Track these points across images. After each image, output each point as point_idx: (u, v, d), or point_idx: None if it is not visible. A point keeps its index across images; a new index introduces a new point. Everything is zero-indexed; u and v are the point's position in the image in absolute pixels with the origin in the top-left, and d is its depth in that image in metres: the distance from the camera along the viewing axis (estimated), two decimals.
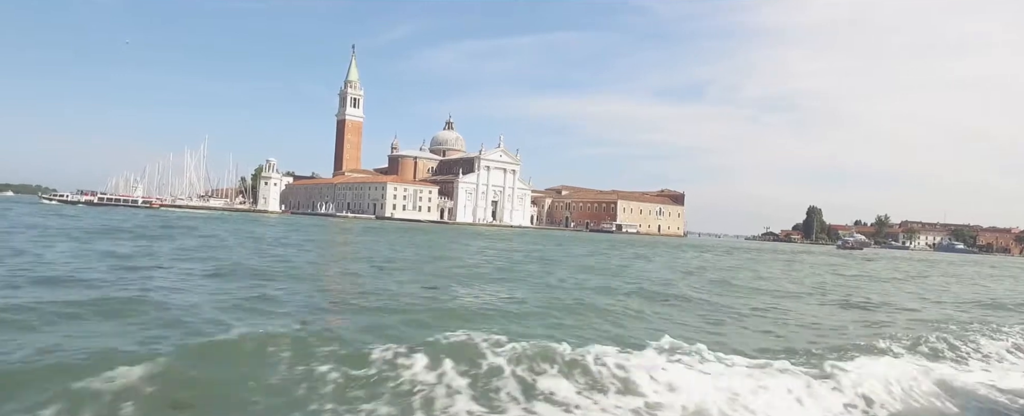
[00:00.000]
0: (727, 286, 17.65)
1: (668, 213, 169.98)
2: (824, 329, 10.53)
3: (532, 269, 19.64)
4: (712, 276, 21.15)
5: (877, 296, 17.40)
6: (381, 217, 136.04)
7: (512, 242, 43.89)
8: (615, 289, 14.34)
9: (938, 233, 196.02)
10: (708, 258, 35.88)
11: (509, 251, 31.17)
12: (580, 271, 20.05)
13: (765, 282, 20.09)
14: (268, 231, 37.43)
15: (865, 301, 15.48)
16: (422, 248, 29.17)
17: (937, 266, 46.15)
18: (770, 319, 11.33)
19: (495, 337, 6.39)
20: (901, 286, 22.73)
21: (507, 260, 23.93)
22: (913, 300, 17.10)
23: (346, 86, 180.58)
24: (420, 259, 21.65)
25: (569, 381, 5.67)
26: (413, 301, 10.33)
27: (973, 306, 16.06)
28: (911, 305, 15.42)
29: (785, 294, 16.43)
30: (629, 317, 10.28)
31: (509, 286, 13.86)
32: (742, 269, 26.77)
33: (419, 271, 16.83)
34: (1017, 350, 9.34)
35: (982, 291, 22.29)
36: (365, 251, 25.38)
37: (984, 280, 29.96)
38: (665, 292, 14.40)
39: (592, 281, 16.28)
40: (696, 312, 11.56)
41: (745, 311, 11.99)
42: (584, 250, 36.39)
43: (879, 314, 13.03)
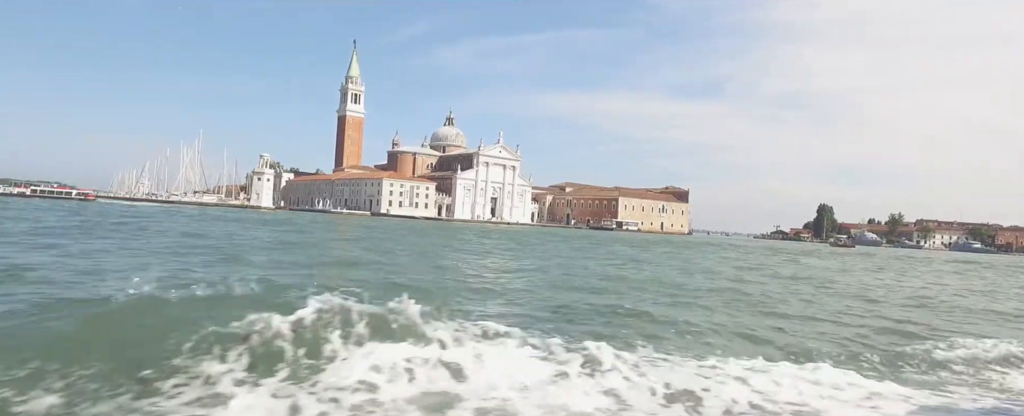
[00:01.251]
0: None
1: (672, 210, 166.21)
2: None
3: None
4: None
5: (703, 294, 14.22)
6: (376, 214, 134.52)
7: (485, 241, 41.49)
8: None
9: (955, 232, 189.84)
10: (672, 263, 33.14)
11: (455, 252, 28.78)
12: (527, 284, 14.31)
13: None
14: (207, 227, 35.38)
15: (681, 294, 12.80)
16: (347, 249, 26.92)
17: (912, 265, 42.87)
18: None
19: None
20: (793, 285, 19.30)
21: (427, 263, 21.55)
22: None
23: (347, 82, 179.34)
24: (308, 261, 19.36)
25: None
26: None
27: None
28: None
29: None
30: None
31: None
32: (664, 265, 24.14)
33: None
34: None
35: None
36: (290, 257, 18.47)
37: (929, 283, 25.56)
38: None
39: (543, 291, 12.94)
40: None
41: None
42: (568, 251, 33.33)
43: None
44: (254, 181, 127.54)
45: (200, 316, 5.10)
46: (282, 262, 15.86)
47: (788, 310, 12.21)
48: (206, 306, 5.69)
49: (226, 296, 6.34)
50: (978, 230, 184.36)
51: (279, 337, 4.98)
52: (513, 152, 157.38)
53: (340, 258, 20.15)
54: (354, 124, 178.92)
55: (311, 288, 6.70)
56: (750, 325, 9.82)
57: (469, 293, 11.74)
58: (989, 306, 15.94)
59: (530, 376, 5.21)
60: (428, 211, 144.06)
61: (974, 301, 17.32)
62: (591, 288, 14.13)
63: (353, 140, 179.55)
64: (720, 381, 5.60)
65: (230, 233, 27.70)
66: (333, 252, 22.35)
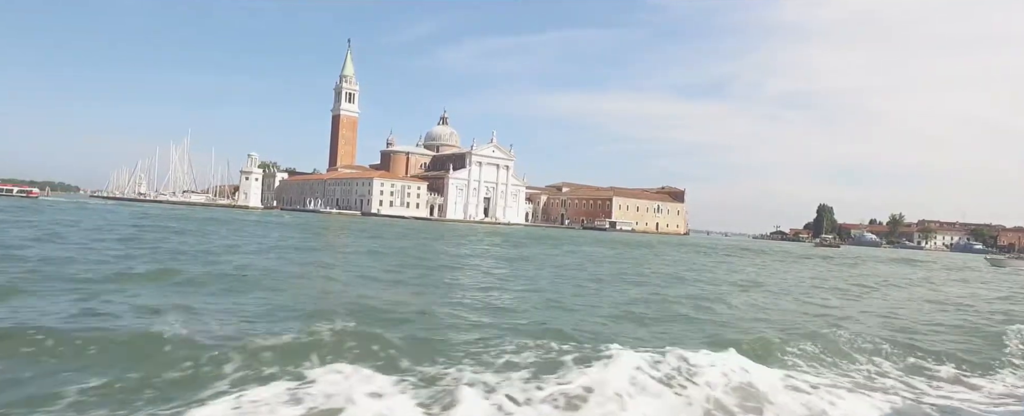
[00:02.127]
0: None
1: (667, 210, 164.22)
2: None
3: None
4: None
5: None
6: (367, 213, 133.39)
7: (450, 250, 40.12)
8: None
9: (957, 233, 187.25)
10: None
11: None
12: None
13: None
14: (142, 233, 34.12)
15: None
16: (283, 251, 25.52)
17: (892, 268, 41.17)
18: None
19: None
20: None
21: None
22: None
23: (341, 81, 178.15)
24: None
25: None
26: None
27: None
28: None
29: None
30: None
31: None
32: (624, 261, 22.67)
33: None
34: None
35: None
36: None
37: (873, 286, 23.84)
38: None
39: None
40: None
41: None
42: (537, 252, 32.05)
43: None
44: (242, 180, 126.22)
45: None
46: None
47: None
48: None
49: None
50: (980, 231, 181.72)
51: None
52: (506, 151, 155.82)
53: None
54: (348, 123, 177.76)
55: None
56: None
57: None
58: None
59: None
60: (420, 211, 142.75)
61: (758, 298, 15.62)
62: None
63: (347, 139, 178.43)
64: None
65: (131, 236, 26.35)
66: (232, 261, 20.89)
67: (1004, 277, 34.84)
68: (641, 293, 14.83)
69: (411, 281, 14.72)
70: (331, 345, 6.60)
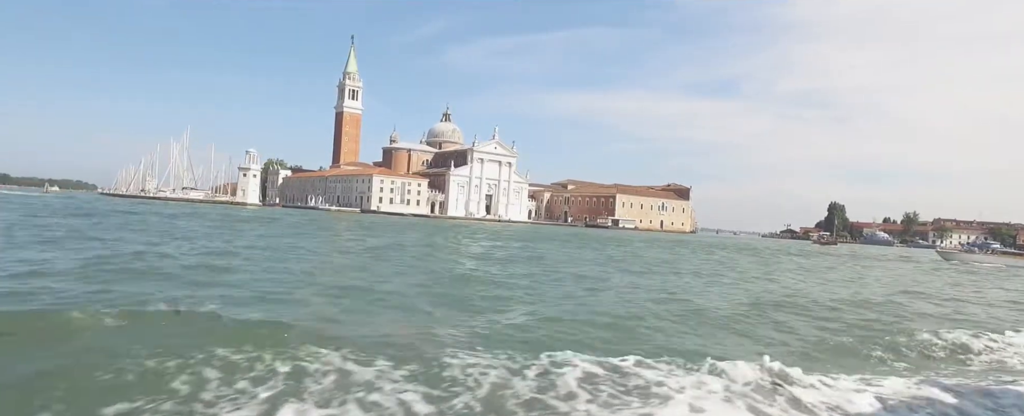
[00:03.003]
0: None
1: (672, 208, 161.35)
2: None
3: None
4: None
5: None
6: (367, 211, 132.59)
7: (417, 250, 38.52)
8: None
9: (974, 232, 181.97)
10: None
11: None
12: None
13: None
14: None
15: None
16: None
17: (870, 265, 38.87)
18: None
19: None
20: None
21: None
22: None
23: (345, 78, 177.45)
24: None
25: None
26: None
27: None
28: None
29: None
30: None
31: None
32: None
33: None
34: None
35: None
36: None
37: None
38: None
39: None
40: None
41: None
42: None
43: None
44: (239, 177, 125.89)
45: None
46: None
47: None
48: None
49: None
50: (998, 230, 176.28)
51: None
52: (508, 148, 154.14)
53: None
54: (351, 120, 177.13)
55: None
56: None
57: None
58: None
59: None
60: (420, 208, 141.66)
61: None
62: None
63: (351, 137, 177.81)
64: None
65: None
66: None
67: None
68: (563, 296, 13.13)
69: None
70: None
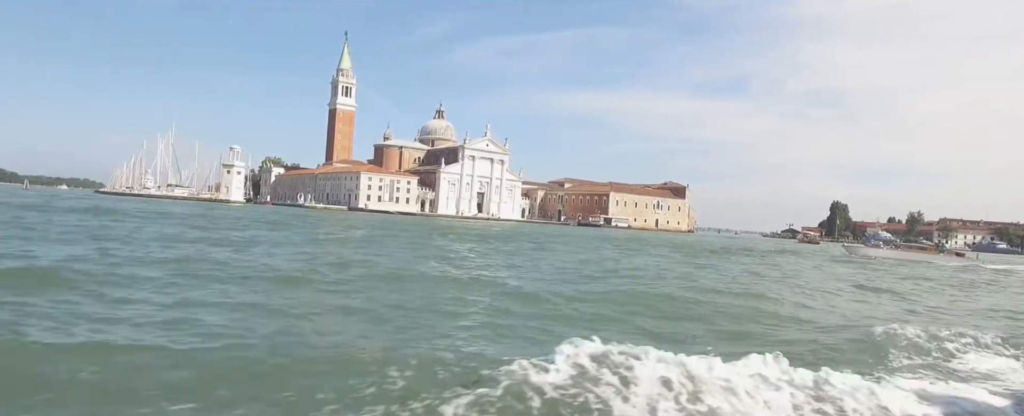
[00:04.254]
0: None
1: (667, 207, 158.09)
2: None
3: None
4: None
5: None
6: (354, 208, 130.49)
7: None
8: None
9: (980, 232, 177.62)
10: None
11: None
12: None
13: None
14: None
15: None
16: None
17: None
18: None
19: None
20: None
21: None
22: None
23: (338, 74, 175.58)
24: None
25: None
26: None
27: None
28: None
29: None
30: None
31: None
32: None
33: None
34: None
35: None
36: None
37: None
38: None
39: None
40: None
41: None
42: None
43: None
44: (224, 174, 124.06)
45: None
46: None
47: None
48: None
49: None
50: (1005, 230, 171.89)
51: None
52: (501, 146, 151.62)
53: None
54: (344, 117, 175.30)
55: None
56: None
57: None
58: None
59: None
60: (410, 206, 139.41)
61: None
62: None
63: (344, 134, 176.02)
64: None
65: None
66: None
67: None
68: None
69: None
70: None
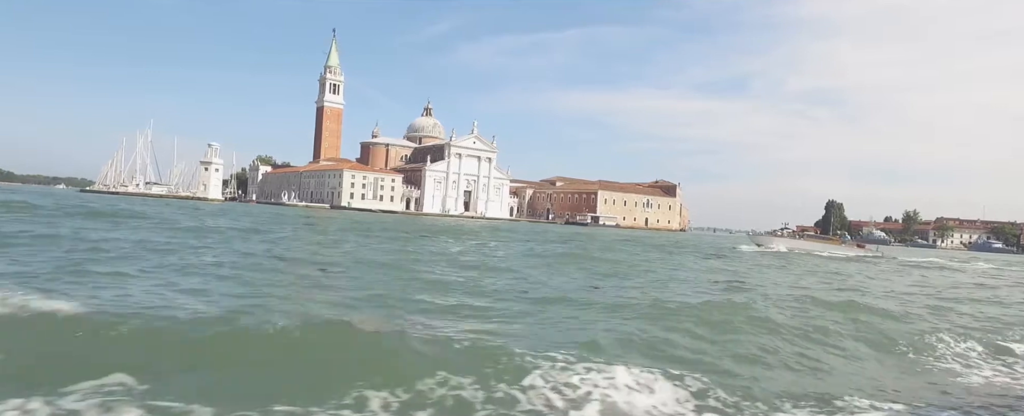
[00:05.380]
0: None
1: (657, 205, 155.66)
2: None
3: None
4: None
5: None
6: (337, 207, 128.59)
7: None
8: None
9: (977, 231, 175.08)
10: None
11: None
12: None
13: None
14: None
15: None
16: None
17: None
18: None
19: None
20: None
21: None
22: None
23: (326, 71, 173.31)
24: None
25: None
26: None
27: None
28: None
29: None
30: None
31: None
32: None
33: None
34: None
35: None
36: None
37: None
38: None
39: None
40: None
41: None
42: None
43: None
44: (201, 171, 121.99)
45: None
46: None
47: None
48: None
49: None
50: (1001, 229, 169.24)
51: None
52: (488, 143, 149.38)
53: None
54: (332, 115, 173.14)
55: None
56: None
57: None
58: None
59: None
60: (394, 204, 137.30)
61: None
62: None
63: (331, 132, 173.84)
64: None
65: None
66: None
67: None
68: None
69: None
70: None
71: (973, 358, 8.41)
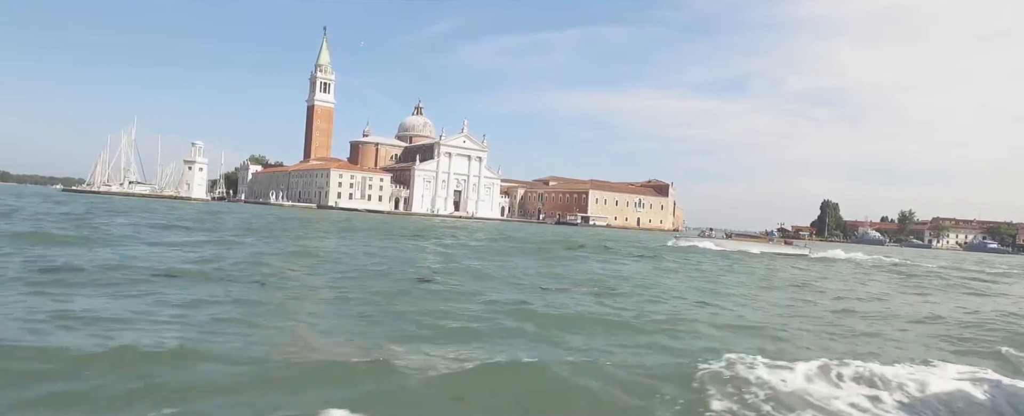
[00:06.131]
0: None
1: (649, 205, 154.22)
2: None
3: None
4: None
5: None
6: (324, 206, 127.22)
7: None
8: None
9: (973, 230, 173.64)
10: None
11: None
12: None
13: None
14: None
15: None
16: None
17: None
18: None
19: None
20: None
21: None
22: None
23: (316, 70, 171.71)
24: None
25: None
26: None
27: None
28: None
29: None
30: None
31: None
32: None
33: None
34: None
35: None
36: None
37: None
38: None
39: None
40: None
41: None
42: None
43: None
44: (185, 171, 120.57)
45: None
46: None
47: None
48: None
49: None
50: (997, 228, 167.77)
51: None
52: (479, 142, 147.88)
53: None
54: (322, 114, 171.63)
55: None
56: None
57: None
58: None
59: None
60: (382, 204, 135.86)
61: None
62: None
63: (322, 131, 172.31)
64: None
65: None
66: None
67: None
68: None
69: None
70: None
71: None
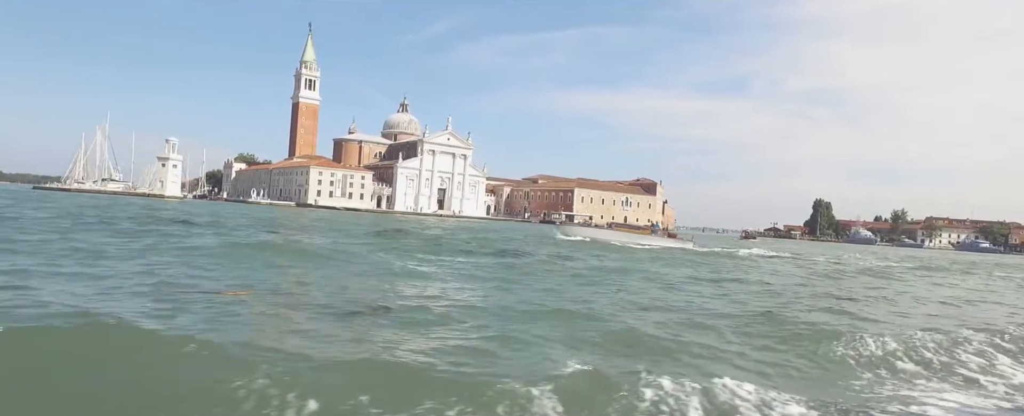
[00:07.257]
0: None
1: (636, 203, 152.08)
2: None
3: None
4: None
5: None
6: (303, 204, 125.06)
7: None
8: None
9: (966, 230, 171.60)
10: None
11: None
12: None
13: None
14: None
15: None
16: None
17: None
18: None
19: None
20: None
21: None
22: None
23: (301, 67, 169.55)
24: None
25: None
26: None
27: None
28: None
29: None
30: None
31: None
32: None
33: None
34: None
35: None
36: None
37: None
38: None
39: None
40: None
41: None
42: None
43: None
44: (159, 167, 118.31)
45: None
46: None
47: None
48: None
49: None
50: (989, 228, 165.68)
51: None
52: (463, 140, 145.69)
53: None
54: (308, 111, 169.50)
55: None
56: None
57: None
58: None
59: None
60: (364, 202, 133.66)
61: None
62: None
63: (307, 128, 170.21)
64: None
65: None
66: None
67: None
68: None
69: None
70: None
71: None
